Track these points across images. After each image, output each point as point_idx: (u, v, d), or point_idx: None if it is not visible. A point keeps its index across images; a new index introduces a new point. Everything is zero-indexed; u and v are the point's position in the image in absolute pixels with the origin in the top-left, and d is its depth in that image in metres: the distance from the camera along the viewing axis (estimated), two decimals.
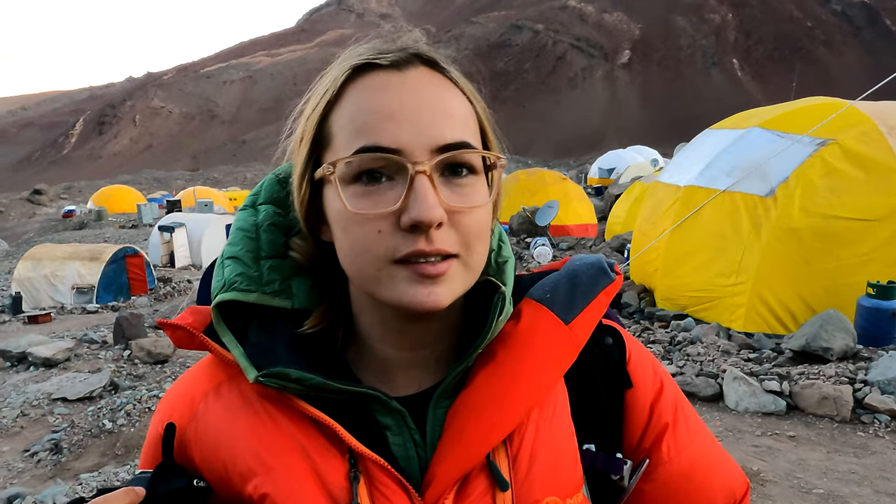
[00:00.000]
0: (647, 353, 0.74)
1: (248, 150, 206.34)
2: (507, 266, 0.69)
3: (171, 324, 0.66)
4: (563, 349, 0.64)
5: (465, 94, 0.63)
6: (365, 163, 0.57)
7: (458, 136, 0.59)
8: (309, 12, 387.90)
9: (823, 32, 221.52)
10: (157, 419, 0.69)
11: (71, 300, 13.26)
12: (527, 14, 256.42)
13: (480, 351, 0.64)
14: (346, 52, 0.63)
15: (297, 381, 0.60)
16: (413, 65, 0.60)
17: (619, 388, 0.70)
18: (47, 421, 5.96)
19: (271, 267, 0.67)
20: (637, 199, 13.25)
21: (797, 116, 6.84)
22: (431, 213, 0.55)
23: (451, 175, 0.59)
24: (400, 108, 0.58)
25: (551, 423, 0.64)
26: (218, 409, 0.65)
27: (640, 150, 38.42)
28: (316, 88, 0.64)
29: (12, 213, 37.91)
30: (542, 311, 0.65)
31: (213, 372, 0.68)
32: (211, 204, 29.77)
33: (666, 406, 0.71)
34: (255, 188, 0.73)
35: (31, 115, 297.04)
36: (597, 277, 0.68)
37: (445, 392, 0.64)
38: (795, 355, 5.16)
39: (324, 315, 0.67)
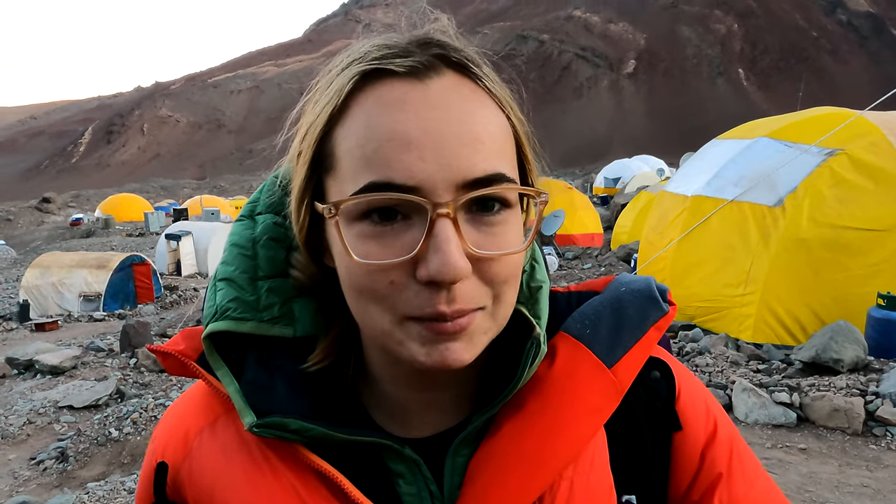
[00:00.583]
0: (699, 387, 0.64)
1: (255, 159, 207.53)
2: (541, 294, 0.59)
3: (161, 350, 0.60)
4: (604, 398, 0.55)
5: (502, 107, 0.52)
6: (376, 201, 0.47)
7: (492, 168, 0.48)
8: (316, 23, 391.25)
9: (829, 42, 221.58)
10: (151, 451, 0.62)
11: (78, 308, 13.31)
12: (532, 24, 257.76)
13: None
14: (353, 47, 0.52)
15: (296, 432, 0.53)
16: (437, 71, 0.49)
17: (667, 430, 0.60)
18: (53, 429, 5.96)
19: (270, 289, 0.58)
20: (643, 208, 13.23)
21: (805, 126, 6.82)
22: (455, 270, 0.45)
23: (481, 211, 0.49)
24: (420, 133, 0.47)
25: (588, 478, 0.55)
26: (213, 449, 0.58)
27: (646, 159, 38.40)
28: (317, 92, 0.53)
29: (21, 221, 38.21)
30: (580, 350, 0.56)
31: (209, 404, 0.61)
32: (217, 212, 29.92)
33: (720, 452, 0.60)
34: (254, 194, 0.63)
35: (40, 124, 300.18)
36: (646, 309, 0.58)
37: (466, 439, 0.56)
38: (805, 366, 5.11)
39: (330, 348, 0.59)
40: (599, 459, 0.57)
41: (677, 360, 0.66)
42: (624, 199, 20.31)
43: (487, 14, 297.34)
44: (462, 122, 0.48)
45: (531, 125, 0.56)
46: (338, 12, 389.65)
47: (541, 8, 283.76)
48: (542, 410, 0.54)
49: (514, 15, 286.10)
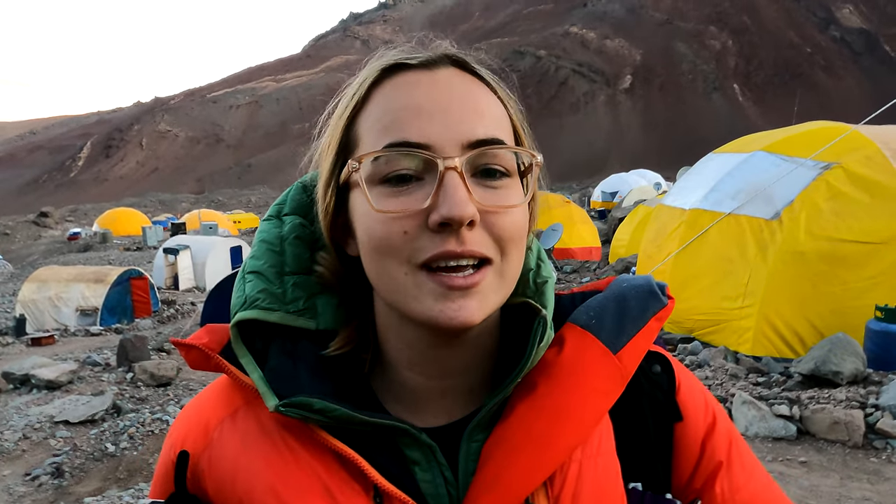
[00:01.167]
0: (697, 382, 0.68)
1: (254, 173, 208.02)
2: (546, 287, 0.63)
3: (186, 343, 0.62)
4: (610, 381, 0.58)
5: (498, 96, 0.59)
6: (392, 160, 0.54)
7: (491, 133, 0.55)
8: (315, 39, 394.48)
9: (823, 58, 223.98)
10: (170, 444, 0.64)
11: (75, 322, 13.25)
12: (529, 40, 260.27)
13: (519, 380, 0.58)
14: (374, 57, 0.60)
15: (320, 412, 0.55)
16: (443, 65, 0.58)
17: (668, 420, 0.63)
18: (49, 444, 5.90)
19: (295, 284, 0.62)
20: (641, 222, 13.27)
21: (800, 140, 6.88)
22: (462, 210, 0.51)
23: (485, 177, 0.55)
24: (429, 103, 0.55)
25: (596, 461, 0.58)
26: (234, 438, 0.60)
27: (643, 173, 38.62)
28: (344, 93, 0.61)
29: (18, 236, 38.16)
30: (587, 338, 0.59)
31: (229, 396, 0.63)
32: (216, 227, 29.94)
33: (720, 441, 0.64)
34: (280, 197, 0.68)
35: (39, 139, 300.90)
36: (647, 301, 0.62)
37: (480, 424, 0.58)
38: (805, 379, 5.10)
39: (350, 336, 0.62)
40: (606, 445, 0.60)
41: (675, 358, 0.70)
42: (621, 212, 20.38)
43: (484, 30, 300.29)
44: (465, 99, 0.56)
45: (526, 114, 0.64)
46: (336, 28, 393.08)
47: (537, 24, 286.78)
48: (552, 393, 0.57)
49: (511, 31, 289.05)
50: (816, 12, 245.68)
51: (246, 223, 40.72)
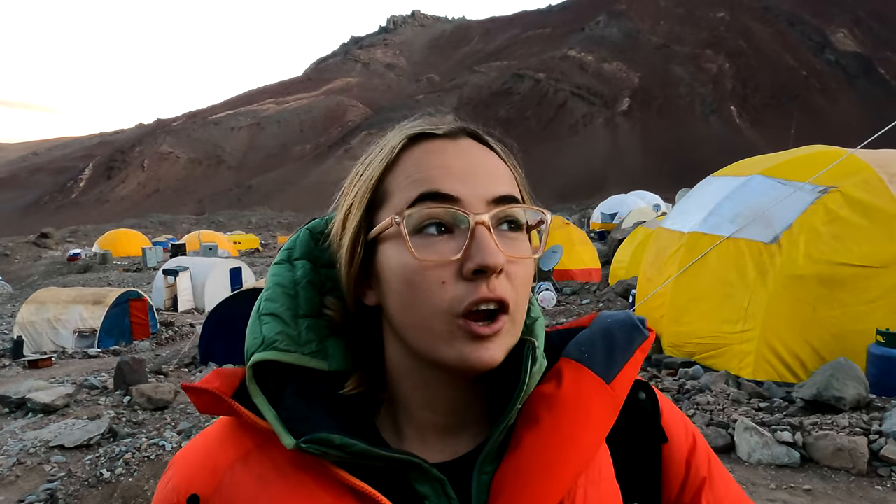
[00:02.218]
0: (676, 408, 0.75)
1: (254, 194, 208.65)
2: (536, 325, 0.69)
3: (197, 387, 0.63)
4: (606, 410, 0.64)
5: (507, 164, 0.67)
6: (427, 212, 0.60)
7: (508, 191, 0.63)
8: (316, 61, 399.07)
9: (819, 81, 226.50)
10: (172, 488, 0.63)
11: (72, 344, 13.18)
12: (528, 64, 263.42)
13: (521, 408, 0.63)
14: (396, 128, 0.67)
15: (339, 448, 0.58)
16: (462, 136, 0.65)
17: (656, 443, 0.70)
18: (43, 469, 5.83)
19: (309, 326, 0.66)
20: (640, 243, 13.28)
21: (798, 164, 6.92)
22: (496, 258, 0.57)
23: (503, 229, 0.62)
24: (457, 164, 0.62)
25: (599, 486, 0.63)
26: (248, 480, 0.61)
27: (643, 195, 38.76)
28: (369, 157, 0.66)
29: (18, 256, 38.14)
30: (582, 371, 0.65)
31: (238, 439, 0.64)
32: (216, 248, 29.98)
33: (701, 460, 0.71)
34: (289, 242, 0.72)
35: (41, 161, 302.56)
36: (631, 334, 0.68)
37: (489, 456, 0.62)
38: (807, 404, 5.06)
39: (362, 378, 0.67)
40: (606, 470, 0.65)
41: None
42: (621, 234, 20.41)
43: (484, 54, 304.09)
44: (485, 163, 0.64)
45: (530, 161, 0.71)
46: (338, 52, 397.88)
47: (536, 48, 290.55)
48: (556, 424, 0.62)
49: (510, 55, 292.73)
50: (811, 36, 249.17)
51: (246, 244, 40.76)
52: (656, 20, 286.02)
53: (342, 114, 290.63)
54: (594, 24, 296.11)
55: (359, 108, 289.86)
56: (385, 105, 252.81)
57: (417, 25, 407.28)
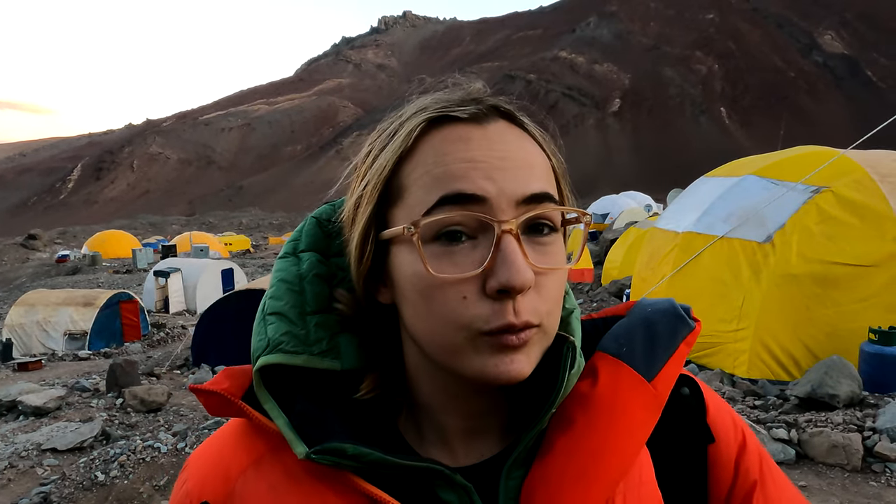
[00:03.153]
0: (724, 402, 0.68)
1: (245, 195, 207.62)
2: (572, 318, 0.62)
3: (206, 389, 0.60)
4: (647, 410, 0.57)
5: (544, 148, 0.58)
6: (447, 219, 0.52)
7: (543, 188, 0.54)
8: (307, 62, 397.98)
9: (806, 82, 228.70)
10: (184, 493, 0.61)
11: (63, 347, 13.06)
12: (519, 65, 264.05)
13: (554, 411, 0.57)
14: (413, 104, 0.59)
15: (353, 458, 0.53)
16: (492, 118, 0.56)
17: (702, 443, 0.63)
18: (36, 473, 5.77)
19: (318, 324, 0.60)
20: (633, 243, 13.34)
21: (790, 164, 6.98)
22: (523, 278, 0.50)
23: (534, 233, 0.54)
24: (483, 157, 0.53)
25: (639, 492, 0.58)
26: (261, 488, 0.58)
27: (633, 195, 38.93)
28: (381, 139, 0.58)
29: (5, 258, 37.74)
30: (621, 367, 0.59)
31: (251, 443, 0.61)
32: (206, 249, 29.80)
33: (752, 460, 0.64)
34: (294, 233, 0.66)
35: (29, 162, 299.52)
36: (675, 325, 0.62)
37: (517, 461, 0.57)
38: (801, 402, 5.10)
39: (378, 379, 0.61)
40: (647, 474, 0.59)
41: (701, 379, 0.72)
42: (613, 234, 20.50)
43: (475, 55, 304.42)
44: (518, 153, 0.54)
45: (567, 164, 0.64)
46: (329, 52, 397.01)
47: (527, 49, 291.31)
48: (592, 427, 0.56)
49: (502, 56, 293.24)
50: (799, 38, 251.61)
51: (237, 245, 40.56)
52: (646, 21, 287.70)
53: (333, 114, 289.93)
54: (585, 26, 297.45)
55: (350, 109, 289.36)
56: (377, 105, 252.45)
57: (409, 26, 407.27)
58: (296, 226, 0.73)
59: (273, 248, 41.05)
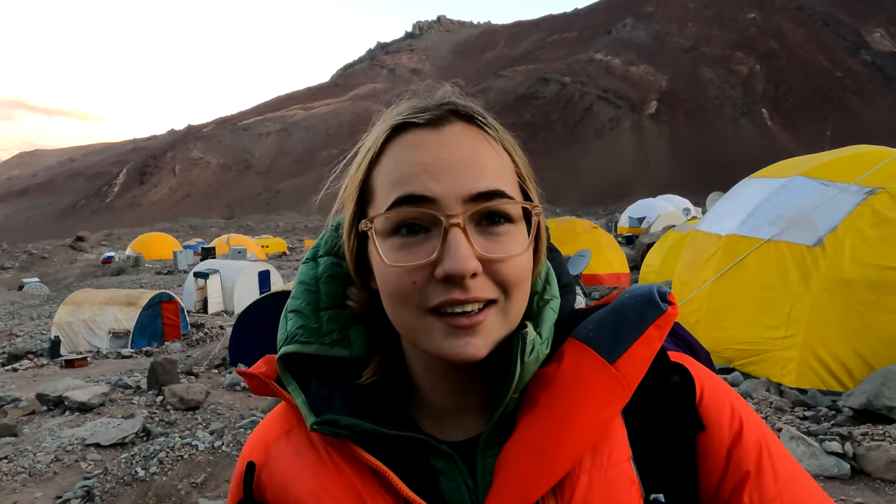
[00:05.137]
0: (724, 389, 0.67)
1: (282, 199, 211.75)
2: (546, 308, 0.67)
3: (248, 372, 0.72)
4: (608, 391, 0.60)
5: (504, 146, 0.63)
6: (402, 215, 0.59)
7: (492, 186, 0.59)
8: (343, 68, 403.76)
9: (854, 82, 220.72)
10: (241, 458, 0.74)
11: (107, 345, 13.45)
12: (554, 68, 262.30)
13: (516, 396, 0.62)
14: (387, 112, 0.65)
15: (348, 428, 0.62)
16: (449, 121, 0.62)
17: (690, 431, 0.64)
18: (80, 467, 5.92)
19: (330, 318, 0.69)
20: (671, 247, 13.04)
21: (842, 165, 6.69)
22: (464, 265, 0.56)
23: (489, 224, 0.60)
24: (433, 161, 0.59)
25: (606, 471, 0.60)
26: (288, 452, 0.69)
27: (671, 198, 38.20)
28: (360, 147, 0.67)
29: (55, 259, 39.23)
30: (584, 350, 0.62)
31: (285, 417, 0.73)
32: (244, 251, 30.37)
33: (747, 450, 0.63)
34: (317, 240, 0.75)
35: (78, 166, 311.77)
36: (644, 310, 0.63)
37: (490, 440, 0.63)
38: (856, 414, 4.85)
39: (379, 365, 0.69)
40: (618, 456, 0.61)
41: (704, 366, 0.70)
42: (650, 238, 20.11)
43: (509, 58, 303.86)
44: (467, 155, 0.60)
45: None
46: (364, 58, 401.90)
47: (562, 52, 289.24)
48: (552, 405, 0.61)
49: (536, 59, 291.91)
50: (846, 37, 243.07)
51: (274, 248, 41.25)
52: (684, 22, 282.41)
53: (368, 119, 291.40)
54: (621, 27, 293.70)
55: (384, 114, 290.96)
56: None
57: (443, 31, 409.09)
58: None
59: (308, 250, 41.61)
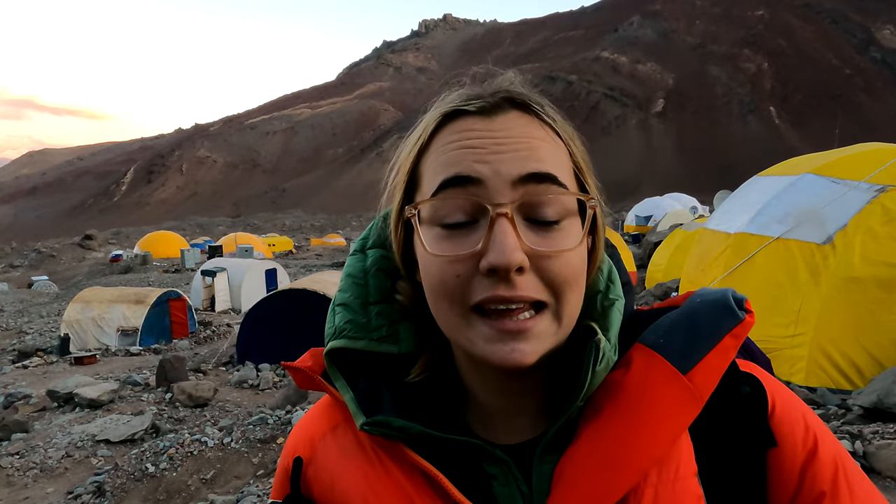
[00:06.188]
0: (796, 402, 0.63)
1: (288, 197, 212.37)
2: (612, 309, 0.63)
3: (294, 366, 0.70)
4: (680, 403, 0.56)
5: (560, 136, 0.60)
6: (448, 202, 0.56)
7: (544, 168, 0.56)
8: (349, 66, 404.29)
9: (863, 80, 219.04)
10: (285, 452, 0.72)
11: (116, 342, 13.55)
12: (560, 66, 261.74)
13: (582, 404, 0.59)
14: (439, 100, 0.63)
15: (400, 430, 0.59)
16: (502, 110, 0.59)
17: (761, 446, 0.59)
18: (91, 463, 5.98)
19: (379, 312, 0.66)
20: (679, 246, 12.99)
21: (852, 162, 6.64)
22: (509, 257, 0.52)
23: (539, 218, 0.56)
24: (482, 143, 0.57)
25: (673, 486, 0.57)
26: (334, 450, 0.66)
27: (678, 197, 38.06)
28: (410, 136, 0.64)
29: (63, 258, 39.51)
30: (654, 358, 0.58)
31: (331, 413, 0.70)
32: (251, 249, 30.51)
33: (822, 469, 0.59)
34: (365, 231, 0.72)
35: (86, 165, 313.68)
36: (720, 317, 0.59)
37: (550, 447, 0.59)
38: (866, 412, 4.82)
39: (427, 363, 0.66)
40: (686, 470, 0.58)
41: (774, 377, 0.66)
42: (657, 237, 20.04)
43: (515, 56, 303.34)
44: (519, 140, 0.57)
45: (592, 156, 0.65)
46: (370, 56, 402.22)
47: (568, 50, 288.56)
48: (618, 415, 0.57)
49: (542, 57, 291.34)
50: (855, 34, 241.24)
51: (280, 246, 41.37)
52: (692, 20, 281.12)
53: (374, 117, 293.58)
54: (628, 25, 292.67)
55: (390, 112, 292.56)
56: (416, 108, 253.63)
57: (449, 29, 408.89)
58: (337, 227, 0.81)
59: (315, 249, 41.72)
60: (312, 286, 10.59)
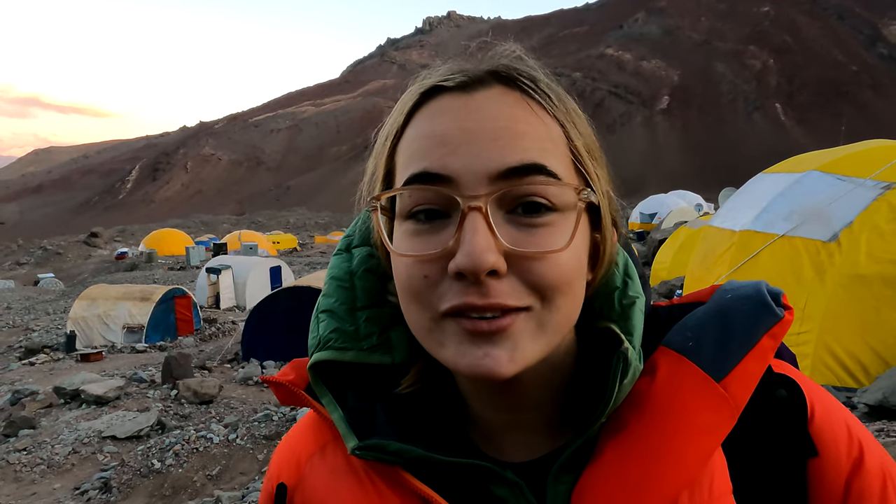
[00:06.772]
0: (837, 407, 0.56)
1: (292, 195, 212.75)
2: (633, 309, 0.54)
3: (274, 381, 0.61)
4: (715, 415, 0.49)
5: (555, 116, 0.51)
6: (416, 197, 0.49)
7: (528, 159, 0.47)
8: (353, 64, 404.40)
9: (870, 76, 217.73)
10: (269, 476, 0.65)
11: (121, 339, 13.62)
12: (565, 63, 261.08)
13: (605, 420, 0.52)
14: (420, 77, 0.55)
15: (396, 454, 0.52)
16: (485, 85, 0.51)
17: (800, 456, 0.53)
18: (97, 459, 6.02)
19: (368, 318, 0.59)
20: (683, 244, 12.96)
21: (858, 159, 6.61)
22: (477, 259, 0.44)
23: (525, 213, 0.48)
24: (455, 131, 0.48)
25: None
26: (323, 472, 0.59)
27: (683, 194, 37.91)
28: (389, 118, 0.55)
29: (69, 255, 39.70)
30: (684, 364, 0.51)
31: (318, 431, 0.62)
32: (255, 247, 30.58)
33: (870, 481, 0.52)
34: (349, 228, 0.64)
35: (92, 163, 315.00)
36: (757, 315, 0.52)
37: (566, 466, 0.52)
38: (871, 410, 4.82)
39: (420, 372, 0.59)
40: (720, 489, 0.51)
41: (808, 377, 0.58)
42: (661, 234, 19.99)
43: None
44: (499, 122, 0.48)
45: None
46: (374, 54, 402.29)
47: (573, 47, 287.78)
48: (646, 431, 0.50)
49: (547, 54, 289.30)
50: (862, 30, 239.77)
51: (284, 244, 41.48)
52: (697, 16, 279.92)
53: (378, 115, 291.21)
54: (632, 22, 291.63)
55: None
56: None
57: (453, 26, 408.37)
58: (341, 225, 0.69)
59: (319, 246, 41.86)
60: (317, 283, 10.62)
